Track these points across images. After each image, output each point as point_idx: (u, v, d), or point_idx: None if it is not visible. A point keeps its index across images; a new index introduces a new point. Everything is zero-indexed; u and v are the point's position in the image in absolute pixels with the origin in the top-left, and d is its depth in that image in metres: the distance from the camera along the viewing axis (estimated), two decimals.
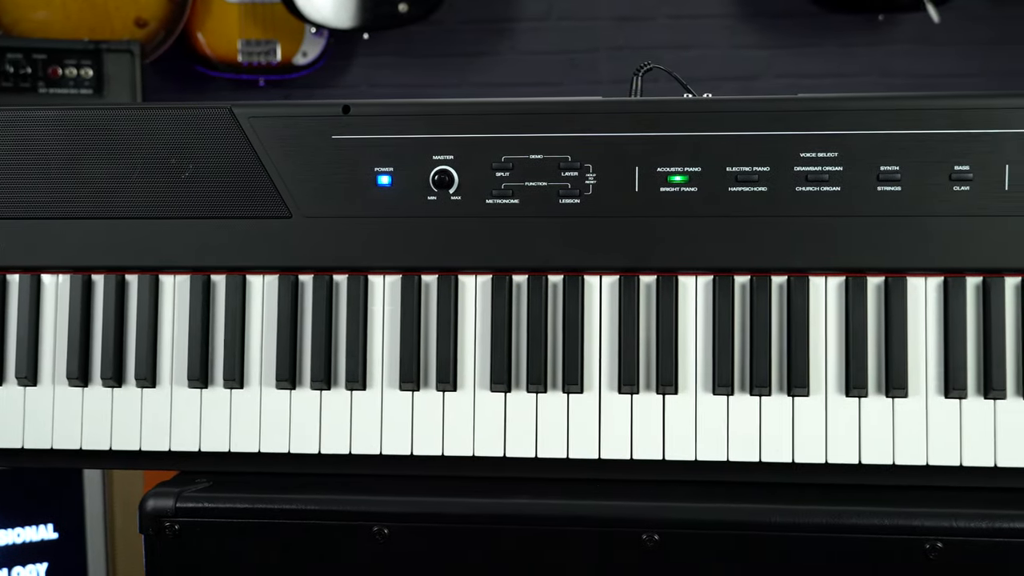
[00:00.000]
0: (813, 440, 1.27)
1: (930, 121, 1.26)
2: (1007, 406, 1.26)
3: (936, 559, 1.18)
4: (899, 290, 1.27)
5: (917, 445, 1.27)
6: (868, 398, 1.27)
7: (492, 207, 1.31)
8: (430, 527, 1.25)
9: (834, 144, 1.27)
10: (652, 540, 1.22)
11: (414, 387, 1.32)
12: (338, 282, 1.34)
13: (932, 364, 1.27)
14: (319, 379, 1.33)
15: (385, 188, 1.32)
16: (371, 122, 1.32)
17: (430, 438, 1.32)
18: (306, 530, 1.25)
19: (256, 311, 1.35)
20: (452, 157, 1.31)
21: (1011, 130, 1.25)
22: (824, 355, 1.28)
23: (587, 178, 1.30)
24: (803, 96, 1.29)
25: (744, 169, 1.28)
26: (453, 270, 1.32)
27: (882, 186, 1.26)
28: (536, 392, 1.31)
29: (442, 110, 1.32)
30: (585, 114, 1.30)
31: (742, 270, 1.29)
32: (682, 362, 1.30)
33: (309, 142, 1.33)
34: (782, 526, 1.21)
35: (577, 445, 1.30)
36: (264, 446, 1.34)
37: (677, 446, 1.29)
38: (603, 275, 1.31)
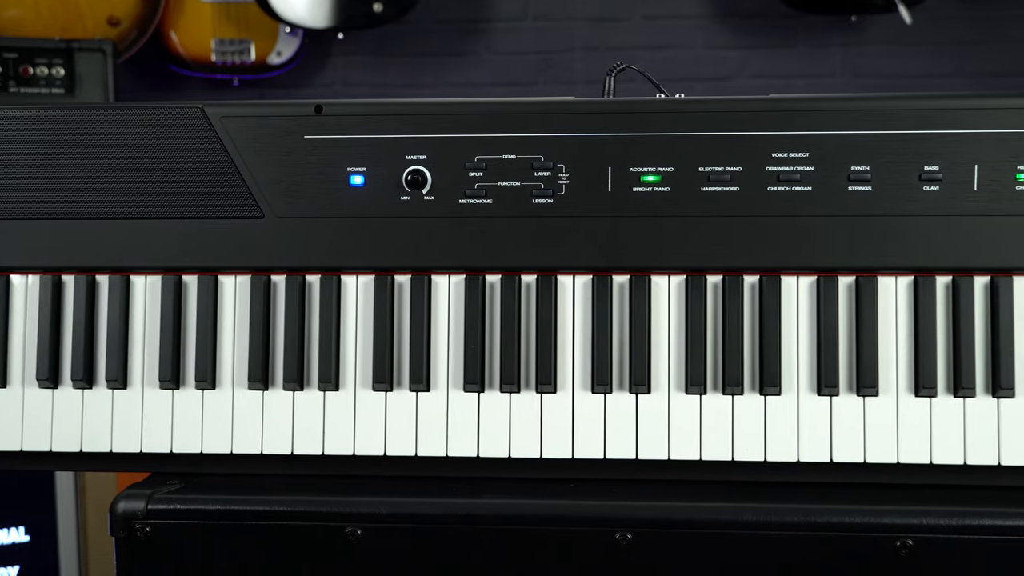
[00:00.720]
0: (785, 439, 1.28)
1: (900, 121, 1.27)
2: (976, 404, 1.27)
3: (907, 556, 1.19)
4: (870, 289, 1.28)
5: (888, 443, 1.28)
6: (839, 397, 1.28)
7: (465, 207, 1.31)
8: (403, 527, 1.24)
9: (805, 144, 1.28)
10: (625, 539, 1.22)
11: (387, 387, 1.32)
12: (311, 282, 1.34)
13: (903, 363, 1.28)
14: (292, 380, 1.32)
15: (358, 188, 1.32)
16: (344, 122, 1.32)
17: (403, 438, 1.32)
18: (278, 531, 1.25)
19: (228, 312, 1.34)
20: (425, 157, 1.31)
21: (979, 130, 1.26)
22: (796, 354, 1.29)
23: (560, 178, 1.30)
24: (774, 96, 1.29)
25: (716, 169, 1.28)
26: (426, 270, 1.32)
27: (853, 186, 1.27)
28: (510, 392, 1.31)
29: (415, 110, 1.32)
30: (558, 114, 1.30)
31: (714, 270, 1.30)
32: (655, 361, 1.30)
33: (281, 142, 1.32)
34: (755, 524, 1.22)
35: (551, 445, 1.30)
36: (236, 447, 1.33)
37: (650, 445, 1.29)
38: (576, 275, 1.32)
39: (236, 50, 3.80)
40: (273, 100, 1.34)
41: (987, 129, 1.26)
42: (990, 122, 1.26)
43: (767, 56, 3.94)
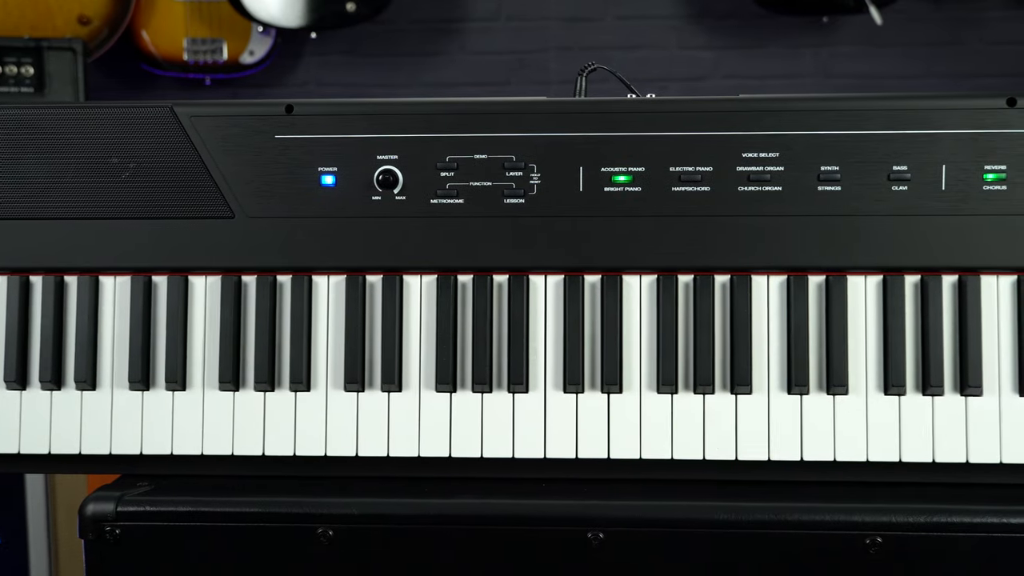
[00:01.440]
0: (756, 437, 1.29)
1: (869, 122, 1.27)
2: (945, 403, 1.28)
3: (876, 554, 1.20)
4: (839, 289, 1.29)
5: (857, 442, 1.28)
6: (810, 396, 1.29)
7: (437, 207, 1.31)
8: (375, 528, 1.24)
9: (775, 144, 1.28)
10: (597, 539, 1.22)
11: (359, 388, 1.31)
12: (282, 283, 1.34)
13: (872, 362, 1.29)
14: (263, 380, 1.32)
15: (329, 188, 1.31)
16: (315, 122, 1.31)
17: (375, 439, 1.32)
18: (249, 533, 1.24)
19: (199, 312, 1.34)
20: (396, 157, 1.31)
21: (947, 131, 1.27)
22: (766, 353, 1.30)
23: (531, 178, 1.30)
24: (745, 97, 1.30)
25: (687, 169, 1.29)
26: (398, 270, 1.32)
27: (822, 186, 1.28)
28: (481, 392, 1.31)
29: (386, 110, 1.32)
30: (529, 114, 1.30)
31: (685, 269, 1.30)
32: (626, 361, 1.30)
33: (252, 142, 1.32)
34: (726, 523, 1.22)
35: (523, 444, 1.31)
36: (207, 448, 1.33)
37: (622, 445, 1.30)
38: (548, 275, 1.32)
39: (208, 49, 3.78)
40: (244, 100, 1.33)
41: (955, 129, 1.27)
42: (957, 122, 1.27)
43: (740, 56, 3.95)
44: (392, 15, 3.85)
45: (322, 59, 4.03)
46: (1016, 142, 1.26)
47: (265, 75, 3.93)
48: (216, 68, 3.82)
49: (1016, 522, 1.19)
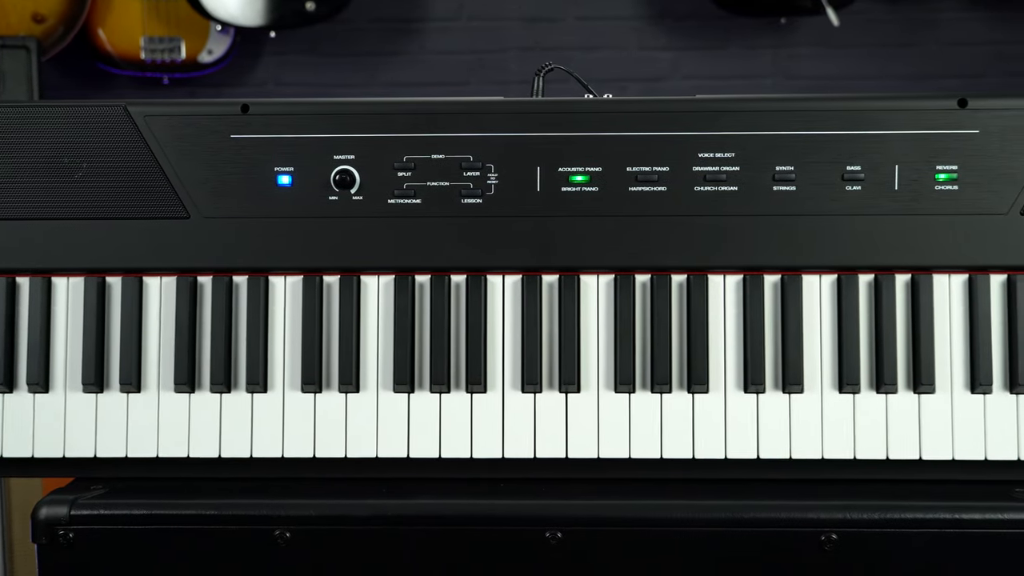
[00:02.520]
0: (712, 436, 1.29)
1: (823, 122, 1.29)
2: (898, 400, 1.29)
3: (831, 550, 1.21)
4: (794, 288, 1.30)
5: (813, 439, 1.29)
6: (766, 394, 1.30)
7: (394, 207, 1.30)
8: (333, 530, 1.24)
9: (731, 144, 1.29)
10: (555, 538, 1.22)
11: (316, 389, 1.31)
12: (238, 283, 1.33)
13: (827, 360, 1.30)
14: (219, 382, 1.31)
15: (285, 188, 1.31)
16: (271, 121, 1.31)
17: (333, 440, 1.31)
18: (206, 535, 1.23)
19: (153, 313, 1.33)
20: (353, 157, 1.30)
21: (899, 131, 1.28)
22: (723, 352, 1.31)
23: (489, 178, 1.30)
24: (700, 97, 1.31)
25: (644, 169, 1.29)
26: (355, 270, 1.32)
27: (778, 186, 1.29)
28: (439, 392, 1.31)
29: (343, 109, 1.31)
30: (486, 114, 1.30)
31: (642, 269, 1.31)
32: (584, 361, 1.31)
33: (207, 141, 1.31)
34: (683, 521, 1.23)
35: (481, 444, 1.30)
36: (163, 451, 1.32)
37: (580, 444, 1.30)
38: (506, 275, 1.32)
39: (166, 48, 3.74)
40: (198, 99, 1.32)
41: (907, 130, 1.28)
42: (910, 123, 1.28)
43: (700, 57, 3.98)
44: (352, 14, 3.83)
45: (281, 58, 4.01)
46: (967, 142, 1.28)
47: (224, 74, 3.90)
48: (174, 67, 3.78)
49: (967, 518, 1.20)
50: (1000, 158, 1.28)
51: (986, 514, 1.21)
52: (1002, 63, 3.88)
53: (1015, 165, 1.27)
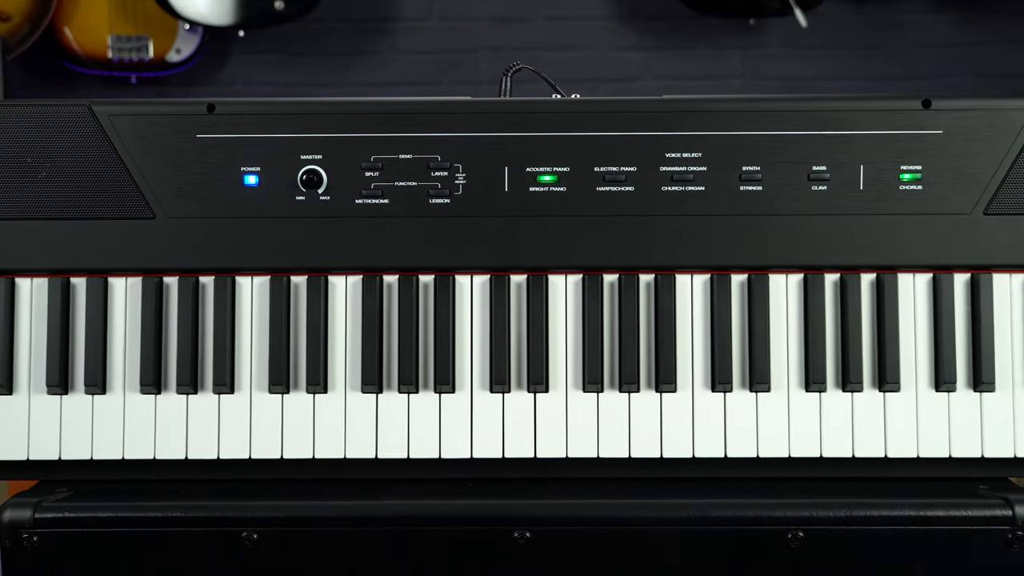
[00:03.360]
0: (680, 435, 1.30)
1: (789, 123, 1.29)
2: (864, 398, 1.30)
3: (798, 548, 1.22)
4: (761, 287, 1.30)
5: (779, 438, 1.30)
6: (733, 393, 1.31)
7: (362, 207, 1.30)
8: (300, 531, 1.23)
9: (698, 144, 1.30)
10: (524, 538, 1.22)
11: (283, 390, 1.30)
12: (204, 284, 1.32)
13: (793, 359, 1.31)
14: (185, 383, 1.30)
15: (252, 188, 1.30)
16: (237, 121, 1.30)
17: (300, 441, 1.30)
18: (172, 538, 1.22)
19: (119, 314, 1.32)
20: (320, 157, 1.30)
21: (865, 132, 1.29)
22: (691, 352, 1.31)
23: (457, 178, 1.30)
24: (668, 97, 1.31)
25: (611, 169, 1.30)
26: (322, 271, 1.31)
27: (744, 186, 1.30)
28: (408, 392, 1.30)
29: (310, 109, 1.31)
30: (454, 114, 1.30)
31: (610, 269, 1.31)
32: (552, 360, 1.31)
33: (173, 141, 1.30)
34: (651, 520, 1.23)
35: (449, 445, 1.30)
36: (128, 453, 1.31)
37: (548, 444, 1.30)
38: (474, 275, 1.32)
39: (133, 47, 3.71)
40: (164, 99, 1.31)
41: (872, 130, 1.29)
42: (875, 123, 1.29)
43: (670, 58, 3.99)
44: (321, 13, 3.81)
45: (250, 58, 3.99)
46: (931, 143, 1.29)
47: (192, 73, 3.88)
48: (142, 66, 3.75)
49: (932, 514, 1.21)
50: (963, 158, 1.29)
51: (951, 511, 1.22)
52: (967, 64, 3.92)
53: (978, 165, 1.29)
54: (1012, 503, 1.22)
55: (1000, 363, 1.30)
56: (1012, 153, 1.28)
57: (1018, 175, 1.29)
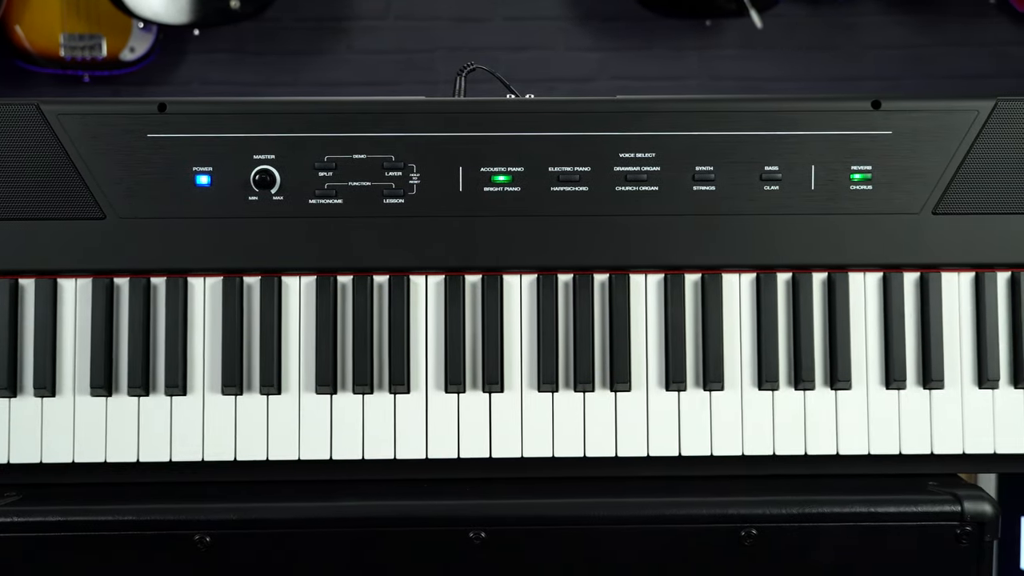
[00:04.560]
0: (635, 434, 1.31)
1: (741, 123, 1.30)
2: (816, 396, 1.32)
3: (751, 545, 1.23)
4: (715, 286, 1.31)
5: (733, 436, 1.31)
6: (687, 392, 1.31)
7: (315, 207, 1.29)
8: (254, 533, 1.22)
9: (651, 145, 1.30)
10: (479, 538, 1.22)
11: (237, 391, 1.29)
12: (156, 285, 1.31)
13: (747, 358, 1.32)
14: (136, 385, 1.29)
15: (204, 188, 1.29)
16: (189, 120, 1.29)
17: (254, 442, 1.30)
18: (124, 542, 1.21)
19: (68, 315, 1.30)
20: (273, 156, 1.29)
21: (816, 132, 1.30)
22: (645, 351, 1.32)
23: (411, 178, 1.30)
24: (621, 98, 1.32)
25: (565, 169, 1.30)
26: (276, 271, 1.30)
27: (698, 186, 1.30)
28: (362, 393, 1.30)
29: (262, 109, 1.30)
30: (408, 114, 1.30)
31: (565, 268, 1.31)
32: (507, 360, 1.31)
33: (123, 141, 1.29)
34: (606, 519, 1.24)
35: (404, 445, 1.30)
36: (79, 456, 1.29)
37: (503, 443, 1.30)
38: (428, 275, 1.31)
39: (86, 45, 3.67)
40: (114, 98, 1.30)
41: (823, 131, 1.31)
42: (826, 124, 1.31)
43: (627, 58, 4.00)
44: (277, 12, 3.79)
45: (206, 57, 3.96)
46: (881, 143, 1.30)
47: (147, 72, 3.84)
48: (95, 65, 3.71)
49: (882, 511, 1.23)
50: (912, 158, 1.30)
51: (901, 507, 1.24)
52: (919, 66, 3.97)
53: (927, 165, 1.30)
54: (961, 499, 1.23)
55: (949, 361, 1.32)
56: (960, 154, 1.30)
57: (966, 176, 1.30)
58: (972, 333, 1.32)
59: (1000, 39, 3.95)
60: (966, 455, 1.32)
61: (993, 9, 3.92)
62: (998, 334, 1.31)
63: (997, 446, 1.32)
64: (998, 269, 1.32)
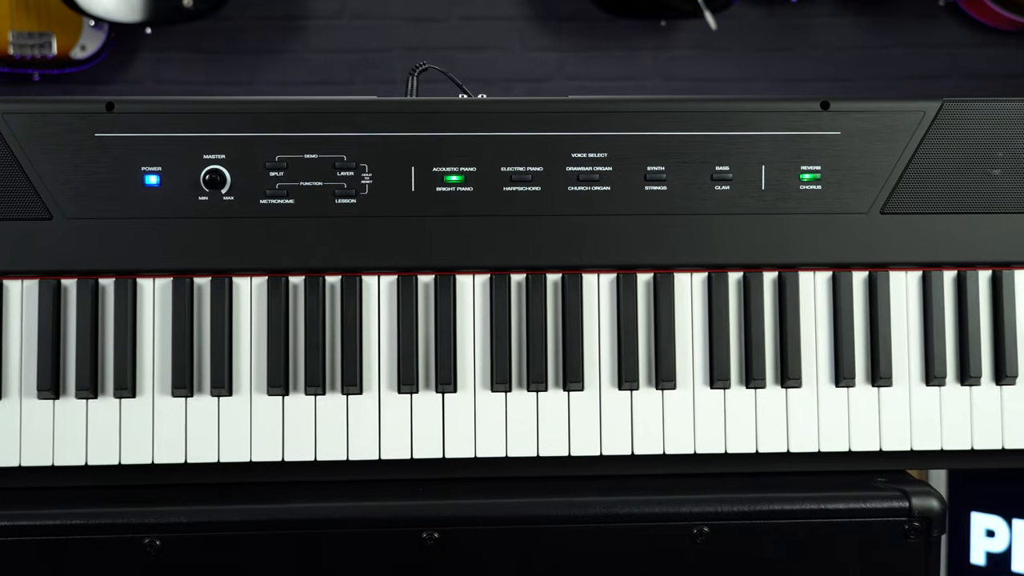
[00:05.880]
0: (587, 433, 1.31)
1: (693, 123, 1.31)
2: (767, 394, 1.33)
3: (703, 543, 1.24)
4: (667, 286, 1.32)
5: (685, 435, 1.32)
6: (640, 391, 1.32)
7: (266, 207, 1.29)
8: (205, 536, 1.21)
9: (604, 145, 1.31)
10: (432, 538, 1.22)
11: (187, 393, 1.28)
12: (104, 286, 1.29)
13: (699, 357, 1.33)
14: (85, 387, 1.27)
15: (153, 188, 1.28)
16: (137, 120, 1.28)
17: (205, 445, 1.28)
18: (71, 546, 1.20)
19: (14, 317, 1.28)
20: (224, 156, 1.28)
21: (766, 132, 1.31)
22: (597, 350, 1.32)
23: (363, 178, 1.29)
24: (573, 98, 1.32)
25: (518, 169, 1.30)
26: (226, 272, 1.29)
27: (649, 186, 1.31)
28: (314, 395, 1.29)
29: (213, 108, 1.29)
30: (360, 113, 1.29)
31: (518, 268, 1.31)
32: (461, 360, 1.31)
33: (71, 140, 1.27)
34: (559, 518, 1.24)
35: (357, 447, 1.30)
36: (26, 459, 1.27)
37: (457, 444, 1.30)
38: (381, 275, 1.31)
39: (36, 43, 3.62)
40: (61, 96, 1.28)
41: (773, 131, 1.32)
42: (775, 124, 1.32)
43: (583, 59, 4.02)
44: (231, 11, 3.76)
45: (159, 55, 3.92)
46: (830, 143, 1.32)
47: (98, 71, 3.80)
48: (45, 63, 3.66)
49: (832, 507, 1.24)
50: (860, 158, 1.32)
51: (850, 504, 1.25)
52: (870, 67, 4.02)
53: (875, 165, 1.32)
54: (909, 495, 1.25)
55: (897, 359, 1.33)
56: (907, 154, 1.32)
57: (913, 176, 1.32)
58: (920, 331, 1.34)
59: (949, 41, 4.01)
60: (914, 451, 1.34)
61: (943, 11, 3.98)
62: (944, 332, 1.33)
63: (944, 442, 1.34)
64: (945, 268, 1.34)
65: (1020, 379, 1.34)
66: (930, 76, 4.02)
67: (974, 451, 1.34)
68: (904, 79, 4.01)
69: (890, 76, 4.01)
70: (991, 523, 2.44)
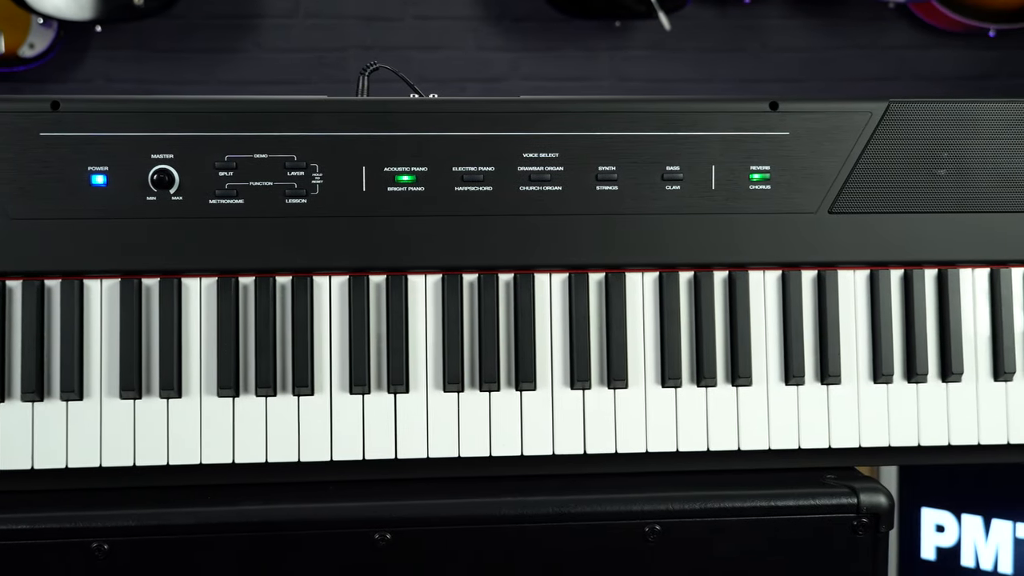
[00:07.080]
0: (540, 432, 1.31)
1: (643, 123, 1.32)
2: (718, 393, 1.34)
3: (655, 541, 1.24)
4: (618, 285, 1.33)
5: (638, 433, 1.32)
6: (592, 390, 1.32)
7: (215, 207, 1.28)
8: (154, 540, 1.20)
9: (555, 145, 1.31)
10: (384, 539, 1.22)
11: (136, 395, 1.27)
12: (50, 287, 1.27)
13: (650, 356, 1.34)
14: (30, 390, 1.25)
15: (100, 188, 1.26)
16: (83, 119, 1.26)
17: (154, 447, 1.27)
18: (17, 551, 1.18)
19: None
20: (172, 156, 1.27)
21: (716, 133, 1.32)
22: (550, 350, 1.32)
23: (314, 178, 1.29)
24: (524, 98, 1.32)
25: (470, 169, 1.30)
26: (175, 273, 1.28)
27: (600, 185, 1.32)
28: (266, 396, 1.28)
29: (161, 107, 1.28)
30: (310, 113, 1.29)
31: (470, 268, 1.31)
32: (413, 360, 1.30)
33: (14, 140, 1.25)
34: (511, 518, 1.24)
35: (308, 448, 1.29)
36: None
37: (409, 444, 1.30)
38: (332, 275, 1.30)
39: None
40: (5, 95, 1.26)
41: (723, 132, 1.33)
42: (725, 125, 1.33)
43: (538, 59, 4.02)
44: (183, 10, 3.72)
45: (109, 54, 3.87)
46: (779, 144, 1.33)
47: (47, 69, 3.74)
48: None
49: (782, 504, 1.25)
50: (809, 159, 1.33)
51: (800, 500, 1.26)
52: (821, 68, 4.06)
53: (823, 165, 1.33)
54: (857, 491, 1.27)
55: (846, 356, 1.35)
56: (854, 154, 1.33)
57: (860, 176, 1.34)
58: (868, 330, 1.36)
59: (898, 43, 4.06)
60: (863, 448, 1.35)
61: (892, 14, 4.03)
62: (892, 330, 1.35)
63: (892, 439, 1.35)
64: (892, 267, 1.36)
65: (965, 376, 1.36)
66: (881, 77, 4.07)
67: (921, 447, 1.36)
68: (855, 80, 4.05)
69: (841, 78, 4.06)
70: (941, 518, 2.47)
